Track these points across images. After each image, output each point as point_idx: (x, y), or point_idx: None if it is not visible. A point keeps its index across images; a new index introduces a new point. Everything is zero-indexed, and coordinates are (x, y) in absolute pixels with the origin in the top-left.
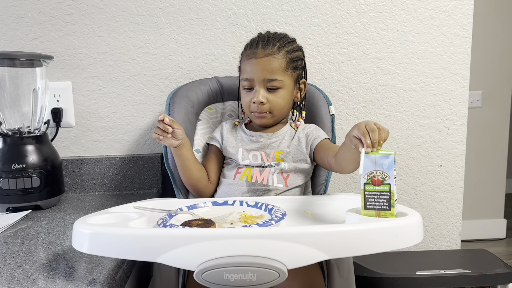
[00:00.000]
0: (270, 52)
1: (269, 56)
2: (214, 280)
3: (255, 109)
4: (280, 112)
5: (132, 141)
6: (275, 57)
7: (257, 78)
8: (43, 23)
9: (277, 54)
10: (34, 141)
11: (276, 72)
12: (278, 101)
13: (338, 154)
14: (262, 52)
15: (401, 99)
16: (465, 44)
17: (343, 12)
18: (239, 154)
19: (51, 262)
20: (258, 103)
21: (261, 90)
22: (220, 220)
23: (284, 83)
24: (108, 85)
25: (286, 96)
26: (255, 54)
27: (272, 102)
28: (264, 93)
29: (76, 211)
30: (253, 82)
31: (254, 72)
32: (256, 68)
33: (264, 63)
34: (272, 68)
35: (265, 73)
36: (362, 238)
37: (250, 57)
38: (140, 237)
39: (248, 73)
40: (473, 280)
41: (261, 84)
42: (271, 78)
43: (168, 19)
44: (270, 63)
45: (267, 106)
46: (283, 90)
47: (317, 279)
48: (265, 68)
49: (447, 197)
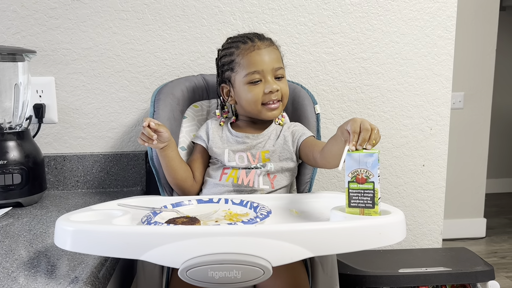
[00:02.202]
0: (269, 43)
1: (270, 47)
2: (198, 277)
3: (269, 99)
4: (286, 99)
5: (116, 138)
6: (274, 48)
7: (266, 67)
8: (26, 17)
9: (274, 45)
10: (15, 137)
11: (280, 61)
12: (286, 88)
13: (326, 148)
14: (263, 43)
15: (385, 99)
16: (448, 45)
17: (329, 12)
18: (225, 155)
19: (32, 260)
20: (275, 91)
21: (272, 79)
22: (205, 217)
23: (284, 72)
24: (92, 81)
25: (286, 83)
26: (257, 46)
27: (282, 89)
28: (275, 82)
29: (59, 208)
30: (263, 73)
31: (264, 62)
32: (264, 59)
33: (270, 52)
34: (277, 56)
35: (273, 62)
36: (346, 235)
37: (252, 50)
38: (124, 234)
39: (256, 65)
40: (453, 278)
41: (270, 73)
42: (279, 66)
43: (153, 15)
44: (275, 52)
45: (279, 94)
46: (284, 78)
47: (301, 276)
48: (272, 56)
49: (429, 196)
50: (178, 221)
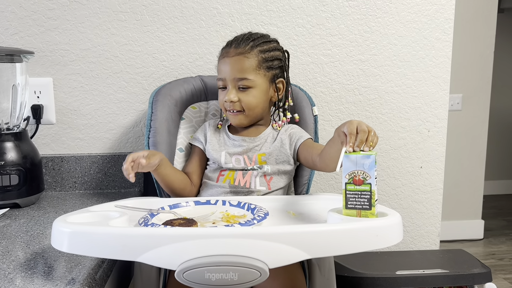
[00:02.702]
0: (241, 51)
1: (240, 55)
2: (195, 279)
3: (228, 107)
4: (253, 111)
5: (114, 139)
6: (246, 56)
7: (228, 77)
8: (24, 18)
9: (249, 53)
10: (13, 138)
11: (246, 71)
12: (250, 100)
13: (324, 151)
14: (234, 51)
15: (383, 101)
16: (446, 48)
17: (327, 14)
18: (222, 158)
19: (29, 261)
20: (229, 102)
21: (232, 90)
22: (202, 219)
23: (256, 82)
24: (90, 82)
25: (258, 95)
26: (228, 54)
27: (243, 101)
28: (235, 92)
29: (56, 209)
30: (225, 81)
31: (226, 71)
32: (227, 68)
33: (235, 62)
34: (241, 67)
35: (235, 72)
36: (343, 237)
37: (224, 56)
38: (121, 236)
39: (221, 73)
40: (451, 280)
41: (232, 83)
42: (241, 77)
43: (152, 16)
44: (240, 62)
45: (239, 105)
46: (255, 89)
47: (299, 278)
48: (235, 67)
49: (427, 198)
50: (175, 222)
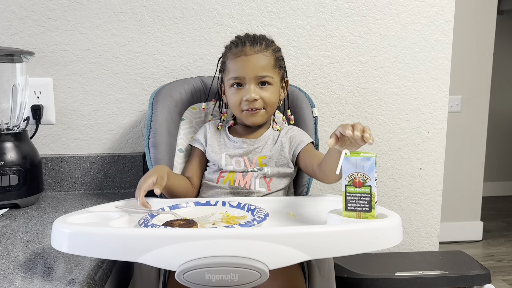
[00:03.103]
0: (259, 49)
1: (259, 54)
2: (195, 280)
3: (246, 106)
4: (272, 108)
5: (113, 140)
6: (264, 54)
7: (248, 75)
8: (24, 18)
9: (266, 51)
10: (12, 138)
11: (267, 69)
12: (270, 97)
13: (323, 162)
14: (251, 50)
15: (382, 102)
16: (445, 49)
17: (327, 15)
18: (222, 160)
19: (28, 261)
20: (252, 100)
21: (252, 87)
22: (202, 220)
23: (274, 80)
24: (90, 82)
25: (275, 92)
26: (244, 52)
27: (265, 98)
28: (256, 90)
29: (56, 210)
30: (244, 79)
31: (246, 70)
32: (248, 65)
33: (256, 60)
34: (263, 64)
35: (257, 70)
36: (343, 239)
37: (239, 55)
38: (121, 237)
39: (237, 71)
40: (450, 281)
41: (252, 81)
42: (263, 74)
43: (152, 17)
44: (261, 60)
45: (261, 103)
46: (273, 86)
47: (298, 279)
48: (256, 64)
49: (426, 200)
50: (176, 223)
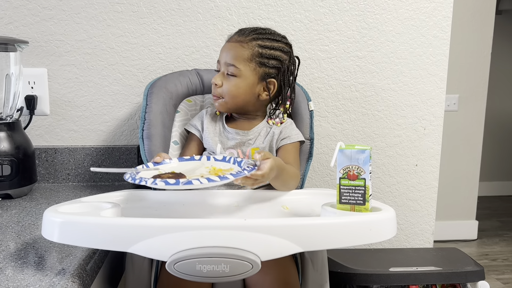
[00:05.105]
0: (240, 40)
1: (237, 43)
2: (186, 271)
3: (212, 90)
4: (232, 100)
5: (108, 132)
6: (242, 45)
7: (222, 60)
8: (19, 7)
9: (247, 43)
10: (5, 128)
11: (237, 59)
12: (230, 89)
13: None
14: (235, 38)
15: (379, 98)
16: (443, 45)
17: (325, 9)
18: (218, 149)
19: (19, 251)
20: (213, 84)
21: (220, 74)
22: (189, 173)
23: (241, 72)
24: (85, 73)
25: (241, 86)
26: (229, 39)
27: (224, 87)
28: (221, 76)
29: (48, 201)
30: (219, 64)
31: (221, 55)
32: (224, 51)
33: (230, 47)
34: (234, 54)
35: (227, 57)
36: (336, 231)
37: (226, 41)
38: (112, 226)
39: (219, 56)
40: (444, 277)
41: (224, 67)
42: (230, 63)
43: (148, 8)
44: (234, 49)
45: (220, 90)
46: (239, 79)
47: (291, 273)
48: (229, 52)
49: (422, 196)
50: (164, 176)
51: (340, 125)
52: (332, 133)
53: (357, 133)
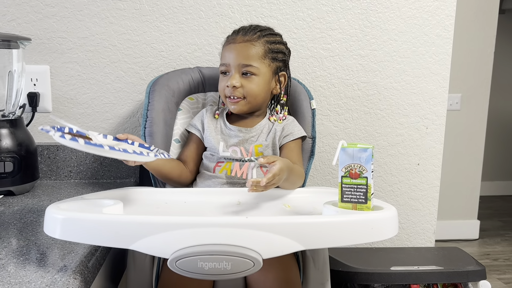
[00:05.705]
0: (248, 39)
1: (247, 42)
2: (188, 268)
3: (229, 93)
4: (254, 99)
5: (110, 129)
6: (253, 43)
7: (233, 63)
8: (22, 4)
9: (256, 41)
10: (8, 125)
11: (252, 58)
12: (252, 87)
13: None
14: (241, 38)
15: (382, 96)
16: (446, 44)
17: (328, 8)
18: (220, 146)
19: (22, 248)
20: (231, 87)
21: (236, 75)
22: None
23: (260, 71)
24: (87, 71)
25: (261, 83)
26: (234, 40)
27: (246, 87)
28: (238, 78)
29: (50, 198)
30: (229, 67)
31: (231, 57)
32: (233, 53)
33: (241, 48)
34: (248, 53)
35: (241, 58)
36: (337, 229)
37: (230, 43)
38: (114, 223)
39: (225, 58)
40: (445, 277)
41: (236, 69)
42: (247, 63)
43: (151, 6)
44: (247, 49)
45: (241, 91)
46: (258, 77)
47: (293, 271)
48: (241, 53)
49: (424, 195)
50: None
51: (342, 124)
52: (334, 131)
53: (359, 132)
